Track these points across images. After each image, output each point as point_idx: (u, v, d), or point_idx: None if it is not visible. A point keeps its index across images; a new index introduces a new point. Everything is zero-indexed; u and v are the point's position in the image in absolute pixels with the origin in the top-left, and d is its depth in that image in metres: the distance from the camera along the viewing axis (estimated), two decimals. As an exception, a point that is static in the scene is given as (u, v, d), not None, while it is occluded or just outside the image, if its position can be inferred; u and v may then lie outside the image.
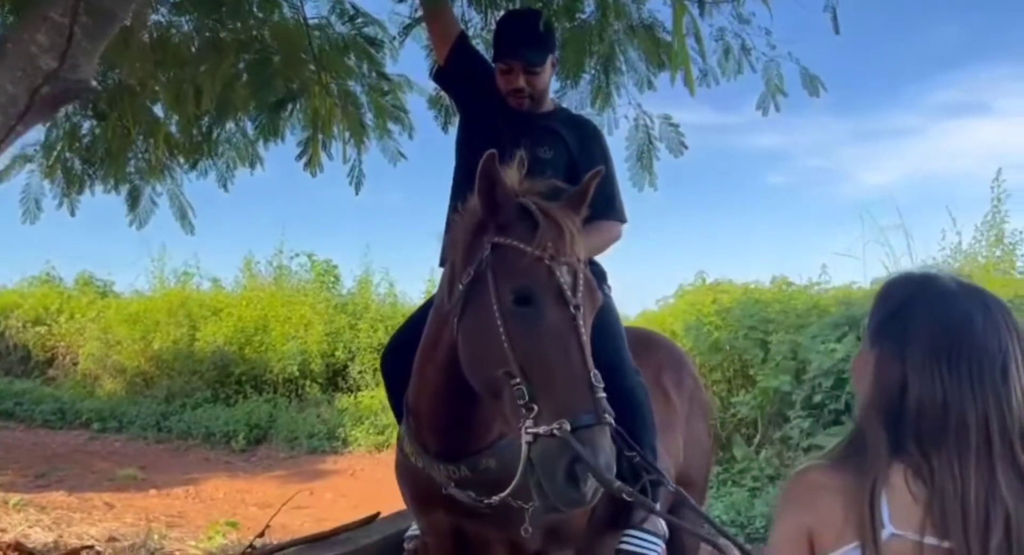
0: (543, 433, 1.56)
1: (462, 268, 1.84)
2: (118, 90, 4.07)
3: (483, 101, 2.66)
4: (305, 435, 9.94)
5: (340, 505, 7.46)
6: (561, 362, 1.65)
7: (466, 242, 1.87)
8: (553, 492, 1.58)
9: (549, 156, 2.55)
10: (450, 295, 1.89)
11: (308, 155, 3.71)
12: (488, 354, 1.71)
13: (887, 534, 1.15)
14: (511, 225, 1.80)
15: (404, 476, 2.30)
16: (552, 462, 1.56)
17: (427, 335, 2.07)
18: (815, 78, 3.26)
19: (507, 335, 1.67)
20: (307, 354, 11.39)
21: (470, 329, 1.79)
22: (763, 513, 6.03)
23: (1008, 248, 10.08)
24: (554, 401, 1.60)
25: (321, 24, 3.77)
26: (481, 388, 1.82)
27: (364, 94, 3.86)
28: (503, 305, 1.70)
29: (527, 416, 1.59)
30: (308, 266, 13.14)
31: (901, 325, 1.24)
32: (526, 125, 2.59)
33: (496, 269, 1.75)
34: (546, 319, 1.69)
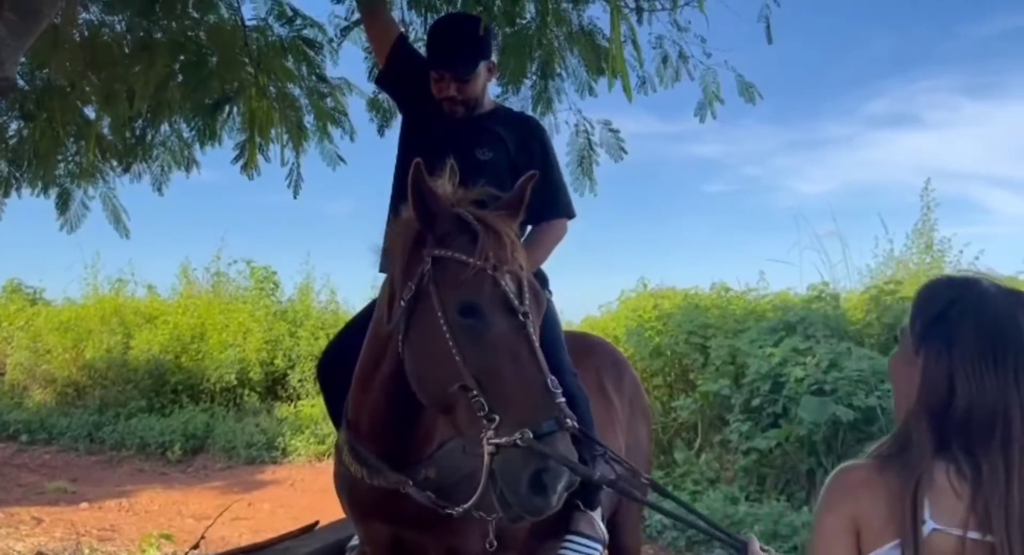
0: (505, 443, 1.54)
1: (402, 283, 1.81)
2: (47, 90, 3.95)
3: (423, 103, 2.65)
4: (243, 445, 9.75)
5: (279, 516, 7.32)
6: (516, 371, 1.64)
7: (404, 256, 1.83)
8: (518, 501, 1.57)
9: (488, 157, 2.53)
10: (391, 311, 1.86)
11: (245, 158, 3.65)
12: (439, 369, 1.69)
13: (928, 529, 1.19)
14: (449, 236, 1.77)
15: (343, 486, 2.28)
16: (516, 472, 1.55)
17: (367, 350, 2.04)
18: (750, 86, 3.33)
19: (457, 348, 1.65)
20: (245, 362, 11.20)
21: (417, 345, 1.76)
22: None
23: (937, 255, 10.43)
24: (514, 411, 1.58)
25: (259, 26, 3.72)
26: (433, 403, 1.79)
27: (303, 96, 3.81)
28: (450, 319, 1.68)
29: (488, 427, 1.57)
30: (247, 273, 12.95)
31: (947, 327, 1.28)
32: (465, 127, 2.58)
33: (439, 283, 1.72)
34: (495, 329, 1.67)
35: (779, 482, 6.68)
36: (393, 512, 2.10)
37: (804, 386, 6.58)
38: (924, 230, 10.51)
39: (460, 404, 1.66)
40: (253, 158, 3.61)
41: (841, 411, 6.18)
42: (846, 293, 8.81)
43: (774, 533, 5.71)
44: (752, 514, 5.99)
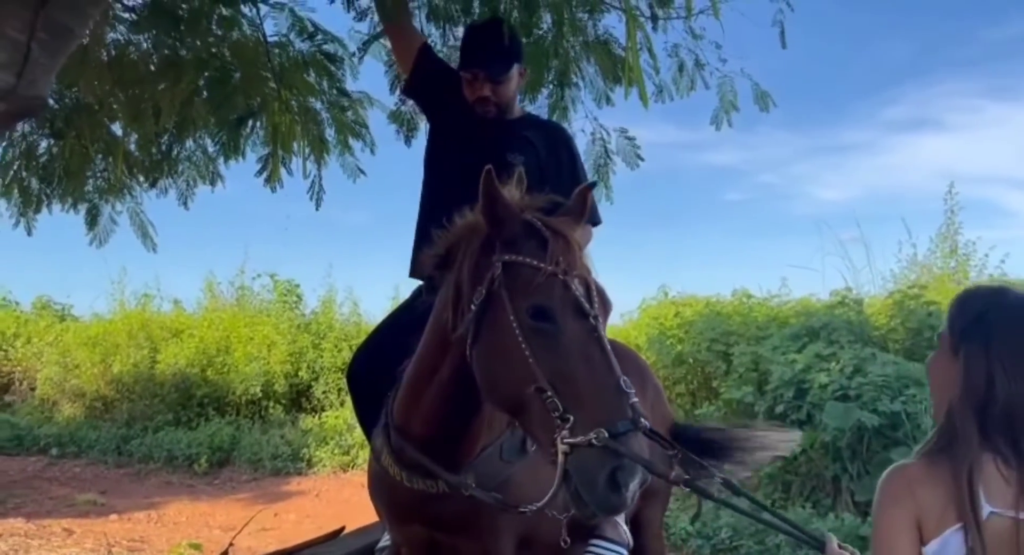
0: (581, 443, 1.57)
1: (471, 287, 1.83)
2: (76, 108, 4.04)
3: (451, 110, 2.69)
4: (269, 457, 9.83)
5: (305, 526, 7.37)
6: (590, 372, 1.66)
7: (471, 260, 1.86)
8: (594, 499, 1.59)
9: (519, 162, 2.55)
10: (456, 315, 1.87)
11: (268, 171, 3.71)
12: (512, 372, 1.71)
13: (987, 512, 1.31)
14: (518, 241, 1.80)
15: (381, 489, 2.30)
16: (592, 471, 1.57)
17: (424, 353, 2.05)
18: (766, 94, 3.35)
19: (531, 351, 1.67)
20: (270, 375, 11.29)
21: (488, 349, 1.78)
22: (728, 524, 6.08)
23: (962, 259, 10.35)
24: (588, 411, 1.61)
25: (281, 42, 3.79)
26: (503, 405, 1.82)
27: (325, 110, 3.88)
28: (522, 322, 1.70)
29: (562, 427, 1.60)
30: (271, 286, 13.05)
31: (984, 329, 1.43)
32: (495, 131, 2.63)
33: (510, 287, 1.74)
34: (568, 332, 1.69)
35: (804, 489, 6.64)
36: (431, 515, 2.14)
37: (828, 392, 6.56)
38: (948, 234, 10.43)
39: (532, 406, 1.68)
40: (276, 171, 3.67)
41: (866, 417, 6.15)
42: (869, 298, 8.76)
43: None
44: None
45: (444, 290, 1.99)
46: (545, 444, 1.66)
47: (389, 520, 2.38)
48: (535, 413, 1.68)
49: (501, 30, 2.66)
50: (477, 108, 2.63)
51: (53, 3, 2.14)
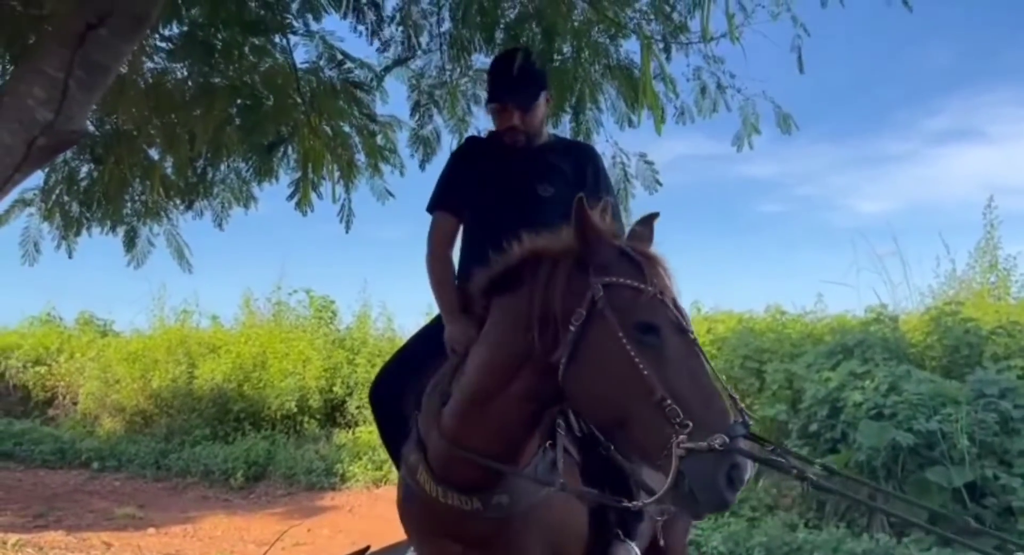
0: (704, 448, 1.68)
1: (565, 309, 1.91)
2: (115, 135, 4.19)
3: (479, 166, 2.75)
4: (303, 471, 9.91)
5: (338, 541, 7.44)
6: (701, 382, 1.80)
7: (561, 284, 1.95)
8: (710, 498, 1.71)
9: (550, 193, 2.65)
10: (543, 334, 1.96)
11: (299, 195, 3.80)
12: (624, 385, 1.80)
13: None
14: (613, 266, 1.91)
15: (414, 505, 2.34)
16: (712, 472, 1.69)
17: (490, 372, 2.09)
18: (788, 117, 3.36)
19: (645, 365, 1.78)
20: (305, 390, 11.39)
21: (595, 365, 1.87)
22: (761, 543, 6.03)
23: (1002, 274, 10.15)
24: (707, 418, 1.72)
25: (311, 68, 3.89)
26: (608, 417, 1.90)
27: (354, 135, 3.97)
28: (632, 339, 1.81)
29: (680, 432, 1.70)
30: (306, 302, 13.19)
31: None
32: (524, 164, 2.68)
33: (615, 306, 1.85)
34: (673, 346, 1.82)
35: (838, 508, 6.55)
36: (464, 532, 2.21)
37: (863, 411, 6.47)
38: (988, 248, 10.23)
39: (646, 415, 1.77)
40: (307, 195, 3.77)
41: (901, 436, 6.06)
42: (906, 315, 8.64)
43: (833, 561, 5.62)
44: (810, 541, 5.89)
45: (506, 313, 2.08)
46: (655, 450, 1.76)
47: (420, 537, 2.43)
48: (646, 422, 1.77)
49: (526, 59, 2.73)
50: (506, 138, 2.69)
51: (90, 42, 2.23)
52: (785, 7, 3.25)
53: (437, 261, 2.73)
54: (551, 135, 2.91)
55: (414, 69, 3.84)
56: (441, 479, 2.20)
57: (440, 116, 3.87)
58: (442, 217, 2.78)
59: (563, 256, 1.98)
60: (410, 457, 2.32)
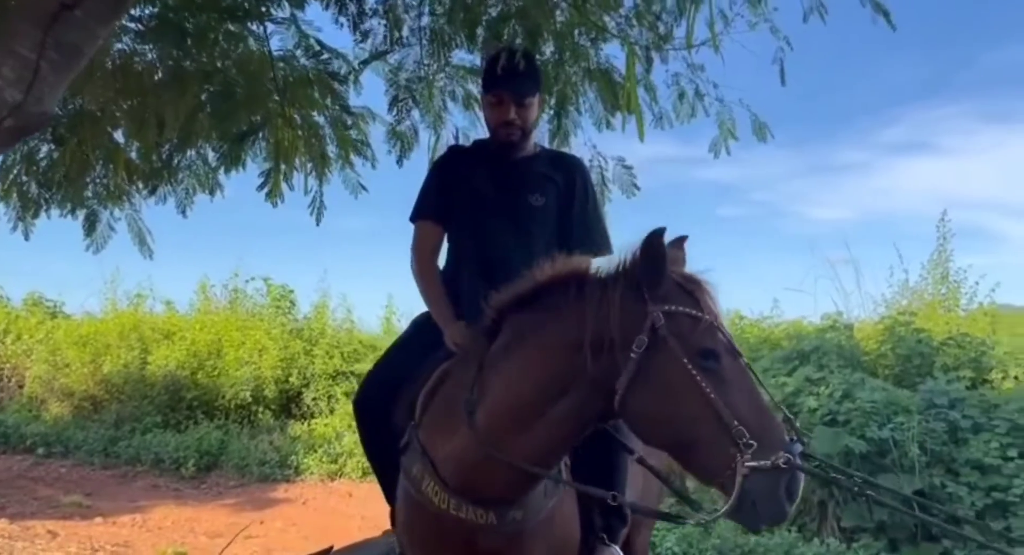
0: (768, 466, 1.79)
1: (624, 335, 1.96)
2: (78, 116, 4.06)
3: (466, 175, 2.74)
4: (256, 462, 9.79)
5: (291, 535, 7.37)
6: (761, 404, 1.90)
7: (617, 310, 1.99)
8: (771, 512, 1.82)
9: (540, 203, 2.67)
10: (598, 358, 1.98)
11: (269, 186, 3.74)
12: (689, 407, 1.88)
13: None
14: (671, 295, 1.98)
15: (418, 518, 2.30)
16: (775, 488, 1.80)
17: (535, 390, 2.08)
18: (764, 125, 3.39)
19: (711, 388, 1.86)
20: (260, 380, 11.25)
21: (658, 389, 1.93)
22: (714, 546, 6.09)
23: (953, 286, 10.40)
24: (769, 437, 1.83)
25: (285, 57, 3.82)
26: (671, 440, 1.96)
27: (328, 126, 3.91)
28: (696, 364, 1.89)
29: (746, 452, 1.80)
30: (264, 290, 13.01)
31: None
32: (516, 173, 2.69)
33: (676, 334, 1.93)
34: (732, 371, 1.92)
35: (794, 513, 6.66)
36: (476, 545, 2.19)
37: (817, 417, 6.58)
38: (940, 261, 10.48)
39: (712, 436, 1.85)
40: (278, 186, 3.70)
41: (854, 443, 6.17)
42: (860, 323, 8.80)
43: (784, 565, 5.70)
44: (763, 544, 5.97)
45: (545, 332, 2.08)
46: (719, 470, 1.85)
47: (424, 550, 2.36)
48: (712, 444, 1.86)
49: (525, 55, 2.73)
50: (500, 133, 2.68)
51: (62, 22, 2.17)
52: (763, 17, 3.28)
53: (426, 271, 2.72)
54: (538, 145, 2.90)
55: (392, 63, 3.80)
56: (457, 491, 2.16)
57: (418, 111, 3.83)
58: (427, 226, 2.77)
59: (613, 281, 2.04)
60: (412, 468, 2.27)
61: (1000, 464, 6.07)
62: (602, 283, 2.05)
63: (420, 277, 2.71)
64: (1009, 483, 5.97)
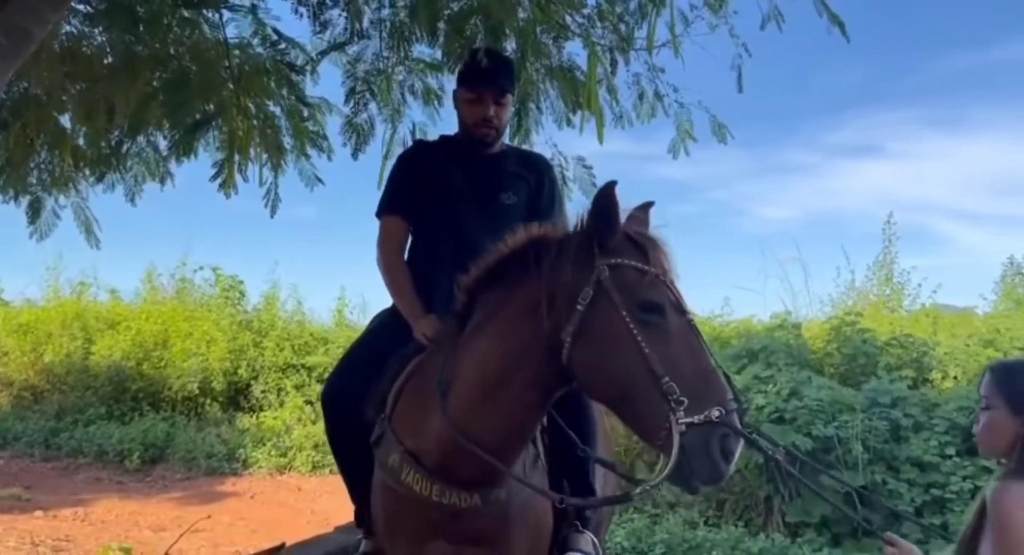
0: (699, 422, 1.74)
1: (572, 289, 1.94)
2: (23, 99, 3.94)
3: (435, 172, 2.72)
4: (203, 455, 9.63)
5: (238, 529, 7.27)
6: (698, 360, 1.85)
7: (568, 267, 1.98)
8: (706, 471, 1.76)
9: (512, 201, 2.68)
10: (552, 315, 1.97)
11: (223, 176, 3.66)
12: (626, 360, 1.85)
13: None
14: (620, 249, 1.96)
15: (399, 507, 2.27)
16: (708, 444, 1.75)
17: (497, 361, 2.07)
18: (723, 126, 3.43)
19: (646, 342, 1.83)
20: (208, 371, 11.08)
21: (600, 341, 1.90)
22: (663, 540, 6.16)
23: (897, 287, 10.66)
24: (704, 394, 1.78)
25: (241, 45, 3.74)
26: (610, 393, 1.95)
27: (284, 117, 3.84)
28: (634, 316, 1.86)
29: (678, 409, 1.76)
30: (213, 280, 12.79)
31: None
32: (488, 172, 2.69)
33: (619, 286, 1.90)
34: (674, 325, 1.88)
35: (737, 508, 6.76)
36: (460, 530, 2.18)
37: (765, 414, 6.69)
38: (885, 262, 10.74)
39: (645, 390, 1.82)
40: (231, 177, 3.63)
41: (800, 440, 6.28)
42: (807, 322, 8.97)
43: (731, 559, 5.79)
44: (710, 539, 6.06)
45: (509, 301, 2.07)
46: (654, 427, 1.82)
47: (408, 540, 2.32)
48: (646, 398, 1.83)
49: (502, 56, 2.76)
50: (477, 131, 2.67)
51: (13, 6, 2.09)
52: (723, 20, 3.32)
53: (395, 266, 2.69)
54: (503, 143, 2.89)
55: (351, 54, 3.75)
56: (439, 476, 2.15)
57: (376, 104, 3.79)
58: (394, 222, 2.74)
59: (567, 239, 2.02)
60: (388, 459, 2.24)
61: (939, 462, 6.25)
62: (558, 243, 2.04)
63: (388, 272, 2.69)
64: (947, 480, 6.15)
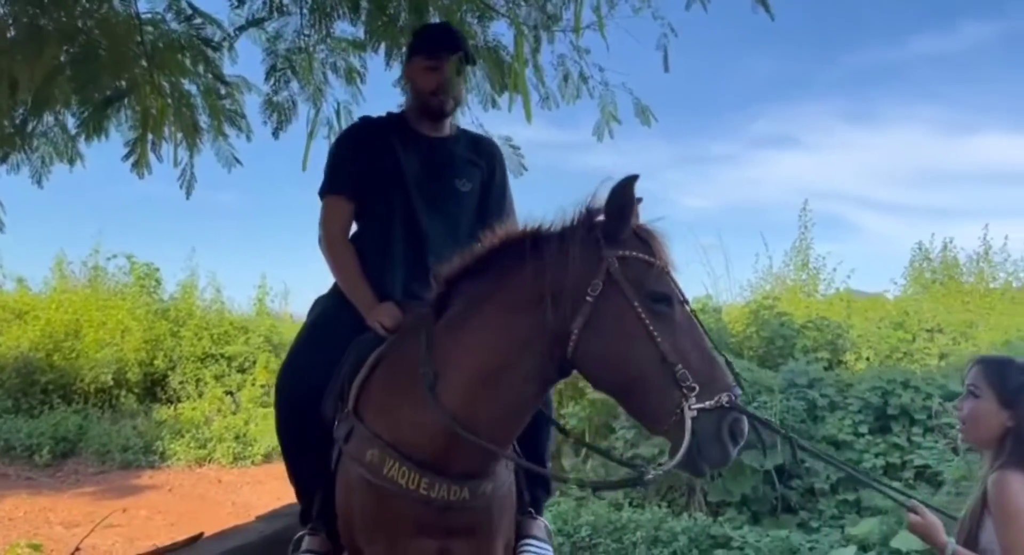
0: (711, 407, 1.82)
1: (581, 281, 1.97)
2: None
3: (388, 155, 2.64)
4: (119, 449, 9.36)
5: (156, 523, 7.09)
6: (705, 348, 1.93)
7: (575, 259, 2.00)
8: (714, 454, 1.84)
9: (467, 188, 2.65)
10: (557, 307, 1.98)
11: (136, 156, 3.52)
12: (637, 349, 1.90)
13: None
14: (628, 242, 2.00)
15: (380, 504, 2.18)
16: (718, 429, 1.83)
17: (500, 353, 2.05)
18: (646, 109, 3.44)
19: (658, 332, 1.89)
20: (123, 362, 10.79)
21: (609, 331, 1.94)
22: (588, 522, 6.23)
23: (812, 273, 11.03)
24: (712, 381, 1.86)
25: (154, 19, 3.60)
26: (620, 382, 1.98)
27: (200, 95, 3.71)
28: (646, 307, 1.91)
29: (690, 395, 1.83)
30: (127, 268, 12.44)
31: None
32: (441, 158, 2.65)
33: (629, 277, 1.94)
34: (680, 315, 1.96)
35: (661, 489, 6.88)
36: (448, 524, 2.14)
37: (687, 396, 6.80)
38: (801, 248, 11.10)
39: (657, 378, 1.88)
40: (144, 157, 3.49)
41: (721, 421, 6.41)
42: (728, 306, 9.20)
43: (655, 539, 5.89)
44: (634, 520, 6.15)
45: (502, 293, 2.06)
46: (664, 413, 1.88)
47: (387, 536, 2.22)
48: (658, 386, 1.89)
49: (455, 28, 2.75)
50: (432, 101, 2.62)
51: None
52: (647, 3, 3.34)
53: (341, 248, 2.62)
54: (454, 125, 2.84)
55: (270, 31, 3.64)
56: (430, 469, 2.09)
57: (297, 82, 3.69)
58: (339, 202, 2.65)
59: (570, 232, 2.04)
60: (366, 455, 2.15)
61: (853, 440, 6.50)
62: (558, 235, 2.05)
63: (335, 256, 2.61)
64: (860, 458, 6.39)
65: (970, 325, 8.58)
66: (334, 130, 3.73)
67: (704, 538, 5.81)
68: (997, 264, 11.27)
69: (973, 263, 11.47)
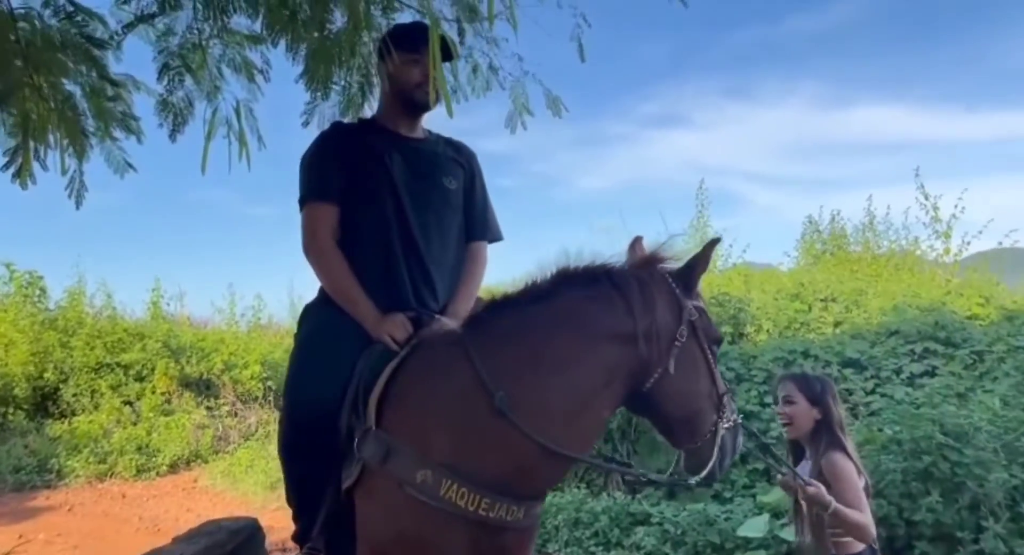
0: (735, 424, 2.34)
1: (669, 327, 2.24)
2: None
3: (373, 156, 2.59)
4: (10, 470, 8.88)
5: (57, 546, 6.73)
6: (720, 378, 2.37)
7: (664, 304, 2.26)
8: (727, 464, 2.34)
9: (454, 187, 2.69)
10: (652, 343, 2.21)
11: (17, 165, 3.28)
12: (704, 386, 2.30)
13: None
14: (693, 293, 2.33)
15: (433, 526, 2.11)
16: (735, 443, 2.35)
17: (589, 378, 2.17)
18: (558, 100, 3.44)
19: (715, 370, 2.34)
20: (9, 377, 10.24)
21: (689, 372, 2.27)
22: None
23: (712, 249, 11.30)
24: (726, 404, 2.33)
25: (29, 16, 3.35)
26: (689, 408, 2.29)
27: (85, 97, 3.49)
28: (711, 351, 2.32)
29: (722, 419, 2.29)
30: (7, 277, 11.76)
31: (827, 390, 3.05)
32: (428, 157, 2.65)
33: (699, 326, 2.28)
34: None
35: (578, 469, 6.96)
36: (497, 545, 2.17)
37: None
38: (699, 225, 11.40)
39: (709, 406, 2.30)
40: (28, 165, 3.25)
41: (630, 399, 6.53)
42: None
43: (576, 520, 5.97)
44: (556, 504, 6.21)
45: (591, 322, 2.21)
46: (703, 431, 2.28)
47: None
48: (707, 412, 2.29)
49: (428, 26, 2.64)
50: (416, 94, 2.59)
51: None
52: (552, -9, 3.31)
53: (333, 257, 2.54)
54: (425, 129, 2.80)
55: (160, 27, 3.45)
56: (494, 489, 2.09)
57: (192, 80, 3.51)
58: (326, 209, 2.57)
59: (652, 277, 2.31)
60: (415, 475, 2.08)
61: (759, 411, 6.70)
62: (638, 278, 2.28)
63: (327, 266, 2.54)
64: (767, 427, 6.59)
65: (860, 293, 8.96)
66: (233, 129, 3.58)
67: (624, 516, 5.92)
68: (881, 232, 11.82)
69: (859, 233, 12.01)
